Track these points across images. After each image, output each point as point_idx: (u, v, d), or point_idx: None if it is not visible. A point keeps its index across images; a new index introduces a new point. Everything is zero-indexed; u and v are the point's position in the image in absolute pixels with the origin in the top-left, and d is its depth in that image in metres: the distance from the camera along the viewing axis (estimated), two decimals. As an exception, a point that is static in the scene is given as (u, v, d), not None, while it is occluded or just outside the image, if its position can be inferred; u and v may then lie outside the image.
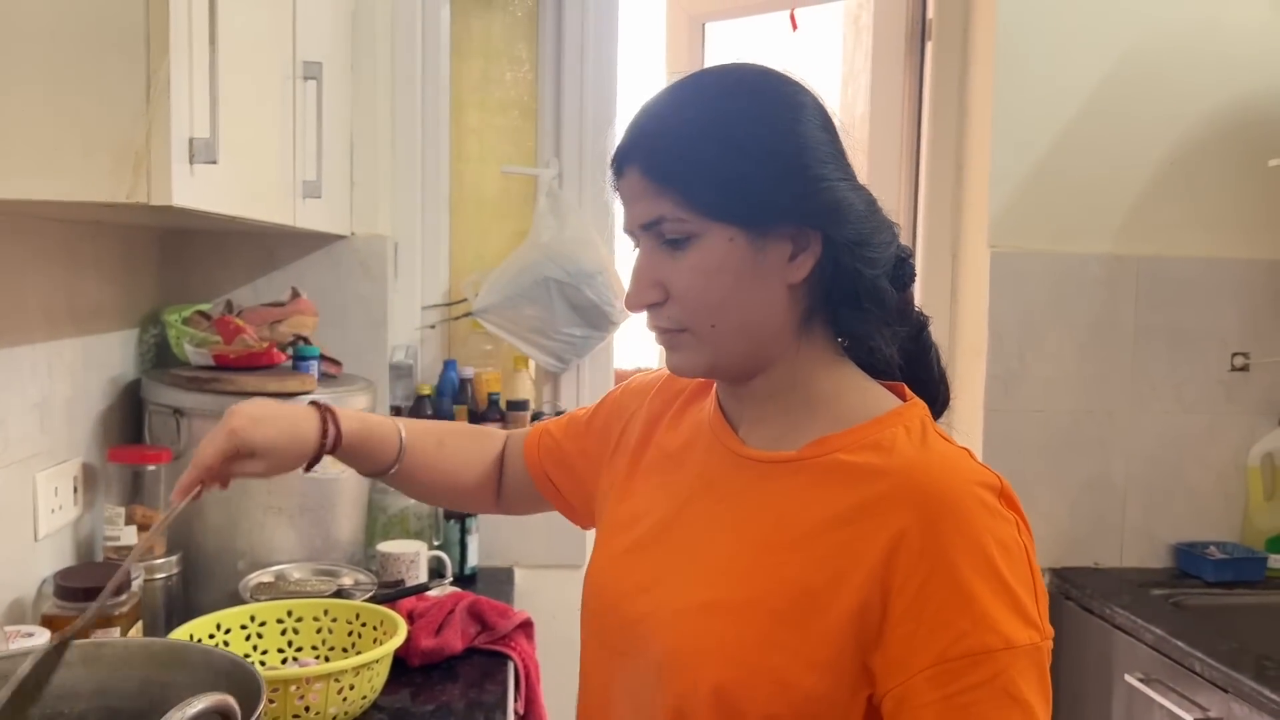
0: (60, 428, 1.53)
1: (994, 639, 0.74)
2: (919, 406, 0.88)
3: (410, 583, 1.80)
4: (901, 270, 0.90)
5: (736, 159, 0.83)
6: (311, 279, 2.02)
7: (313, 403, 1.10)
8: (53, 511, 1.50)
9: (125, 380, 1.77)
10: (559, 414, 2.29)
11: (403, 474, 1.14)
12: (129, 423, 1.75)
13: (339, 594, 1.63)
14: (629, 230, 0.89)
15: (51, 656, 0.94)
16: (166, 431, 1.69)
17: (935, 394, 0.95)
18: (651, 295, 0.86)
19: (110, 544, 1.58)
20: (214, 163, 1.05)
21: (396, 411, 2.12)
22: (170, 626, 1.52)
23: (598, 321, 2.18)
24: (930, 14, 2.29)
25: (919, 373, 0.94)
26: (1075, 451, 2.19)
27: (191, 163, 1.04)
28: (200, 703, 0.72)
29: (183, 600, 1.64)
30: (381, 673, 1.40)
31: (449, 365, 2.22)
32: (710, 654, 0.82)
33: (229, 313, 1.85)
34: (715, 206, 0.83)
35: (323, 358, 1.89)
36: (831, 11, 2.54)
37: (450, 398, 2.19)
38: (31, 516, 1.45)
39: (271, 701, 1.25)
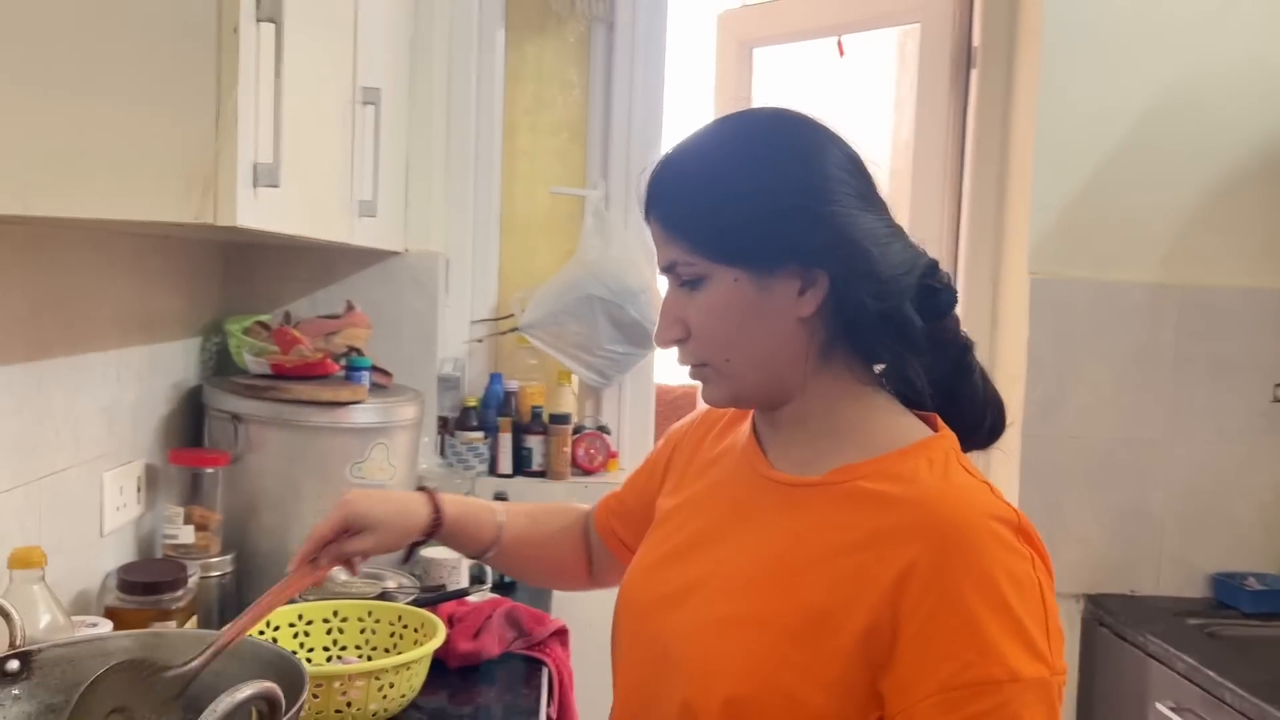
0: (126, 430, 1.62)
1: (999, 670, 0.76)
2: (946, 438, 0.90)
3: (451, 588, 1.86)
4: (935, 299, 0.92)
5: (735, 205, 0.88)
6: (366, 293, 2.10)
7: (420, 487, 1.20)
8: (117, 509, 1.59)
9: (187, 386, 1.86)
10: (600, 429, 2.35)
11: (502, 554, 1.20)
12: (190, 427, 1.84)
13: (383, 596, 1.70)
14: (659, 270, 0.95)
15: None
16: (225, 436, 1.77)
17: (982, 419, 0.97)
18: (675, 332, 0.93)
19: (169, 541, 1.66)
20: (276, 186, 1.12)
21: (443, 422, 2.19)
22: (223, 622, 1.59)
23: (640, 339, 2.24)
24: (976, 41, 2.32)
25: (963, 398, 0.96)
26: (1113, 479, 2.20)
27: (255, 186, 1.11)
28: (248, 689, 0.78)
29: (236, 597, 1.72)
30: (420, 672, 1.46)
31: (495, 378, 2.28)
32: (725, 668, 0.85)
33: (287, 324, 1.94)
34: (717, 251, 0.89)
35: (374, 369, 1.97)
36: (880, 38, 2.58)
37: (495, 410, 2.26)
38: (98, 513, 1.54)
39: (315, 696, 1.31)
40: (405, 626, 1.53)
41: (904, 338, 0.89)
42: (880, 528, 0.83)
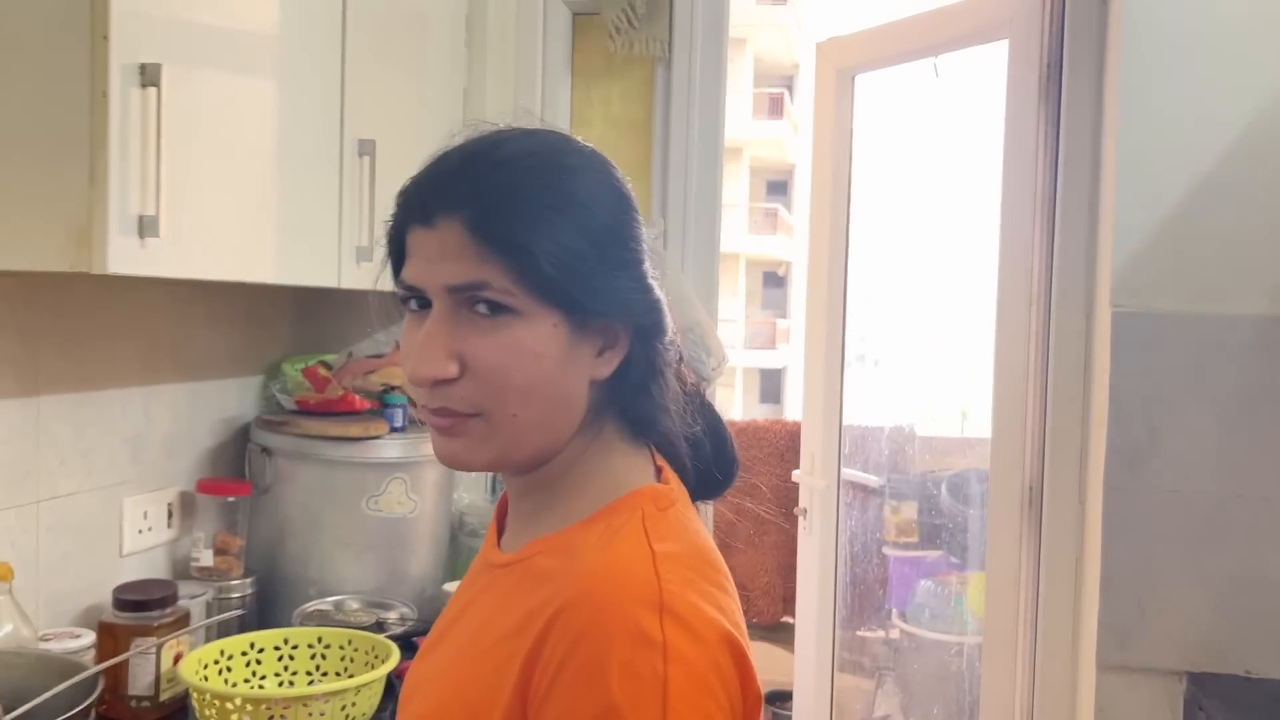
0: (156, 460, 1.78)
1: None
2: (646, 494, 0.80)
3: (467, 622, 1.90)
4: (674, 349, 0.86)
5: (582, 241, 0.76)
6: (421, 333, 2.19)
7: None
8: (140, 532, 1.75)
9: (242, 421, 2.02)
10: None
11: None
12: (238, 459, 1.99)
13: (378, 626, 1.76)
14: (419, 285, 0.77)
15: None
16: (259, 468, 1.90)
17: (734, 466, 0.91)
18: (448, 369, 0.75)
19: (194, 564, 1.81)
20: (156, 236, 1.21)
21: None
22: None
23: (692, 378, 2.20)
24: (1066, 55, 2.12)
25: (722, 447, 0.90)
26: (1220, 540, 1.91)
27: (141, 236, 1.21)
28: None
29: (256, 619, 1.84)
30: (370, 697, 1.49)
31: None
32: None
33: (348, 363, 2.06)
34: (549, 288, 0.75)
35: (413, 405, 2.05)
36: (979, 56, 2.42)
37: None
38: (118, 535, 1.70)
39: None
40: (356, 650, 1.58)
41: (669, 392, 0.84)
42: (530, 610, 0.74)
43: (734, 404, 18.53)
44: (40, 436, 1.54)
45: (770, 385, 20.96)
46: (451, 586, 1.94)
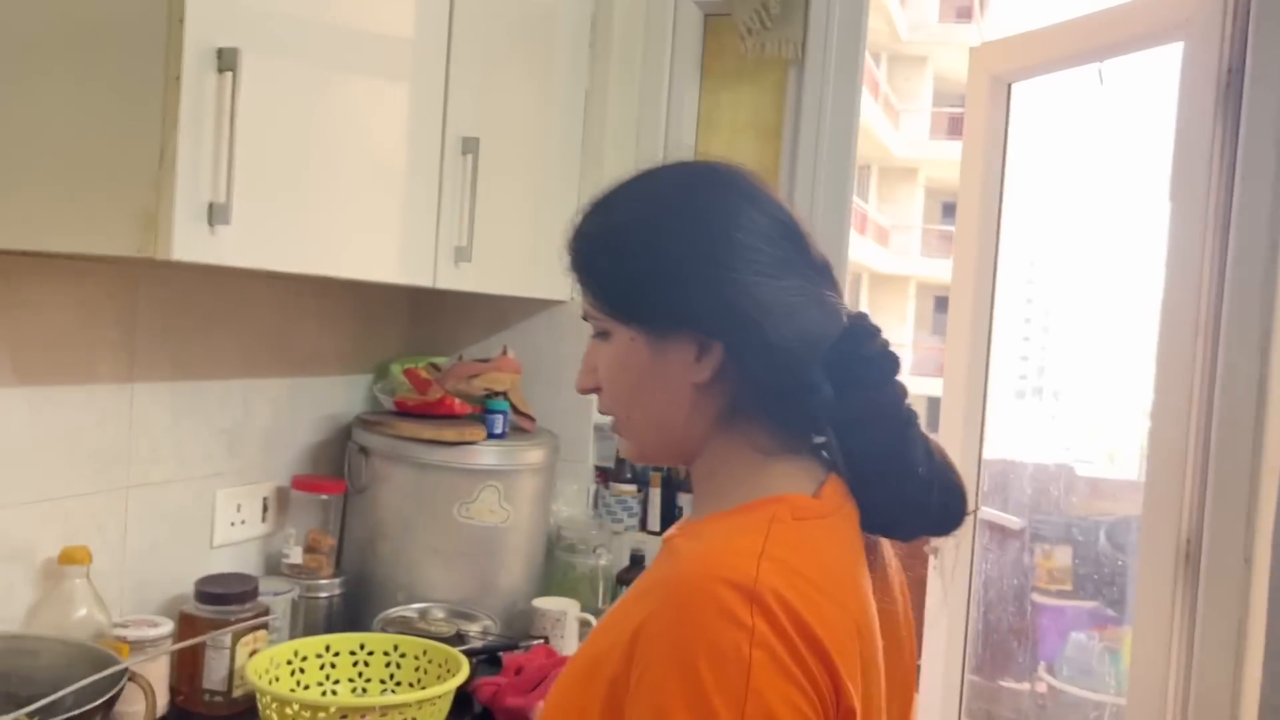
0: (254, 454, 1.79)
1: None
2: (786, 501, 0.84)
3: (555, 640, 1.82)
4: (861, 369, 0.88)
5: (629, 267, 0.89)
6: (531, 340, 2.14)
7: None
8: (231, 525, 1.75)
9: (346, 420, 2.01)
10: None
11: None
12: (342, 458, 1.98)
13: (457, 637, 1.71)
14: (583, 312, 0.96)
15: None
16: (357, 467, 1.88)
17: (926, 499, 0.89)
18: (589, 380, 0.94)
19: (285, 560, 1.80)
20: (227, 224, 1.19)
21: (602, 472, 2.16)
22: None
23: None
24: (1249, 58, 1.89)
25: (901, 475, 0.89)
26: None
27: (211, 224, 1.19)
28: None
29: (344, 619, 1.81)
30: (436, 713, 1.43)
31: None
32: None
33: (454, 366, 2.03)
34: (616, 308, 0.90)
35: (516, 412, 2.00)
36: (1150, 60, 2.20)
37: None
38: (209, 526, 1.71)
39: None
40: (430, 661, 1.52)
41: (807, 410, 0.88)
42: (654, 581, 0.83)
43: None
44: (133, 423, 1.55)
45: (935, 413, 20.23)
46: (542, 602, 1.87)
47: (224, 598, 1.55)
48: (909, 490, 0.89)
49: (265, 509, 1.82)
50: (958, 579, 2.47)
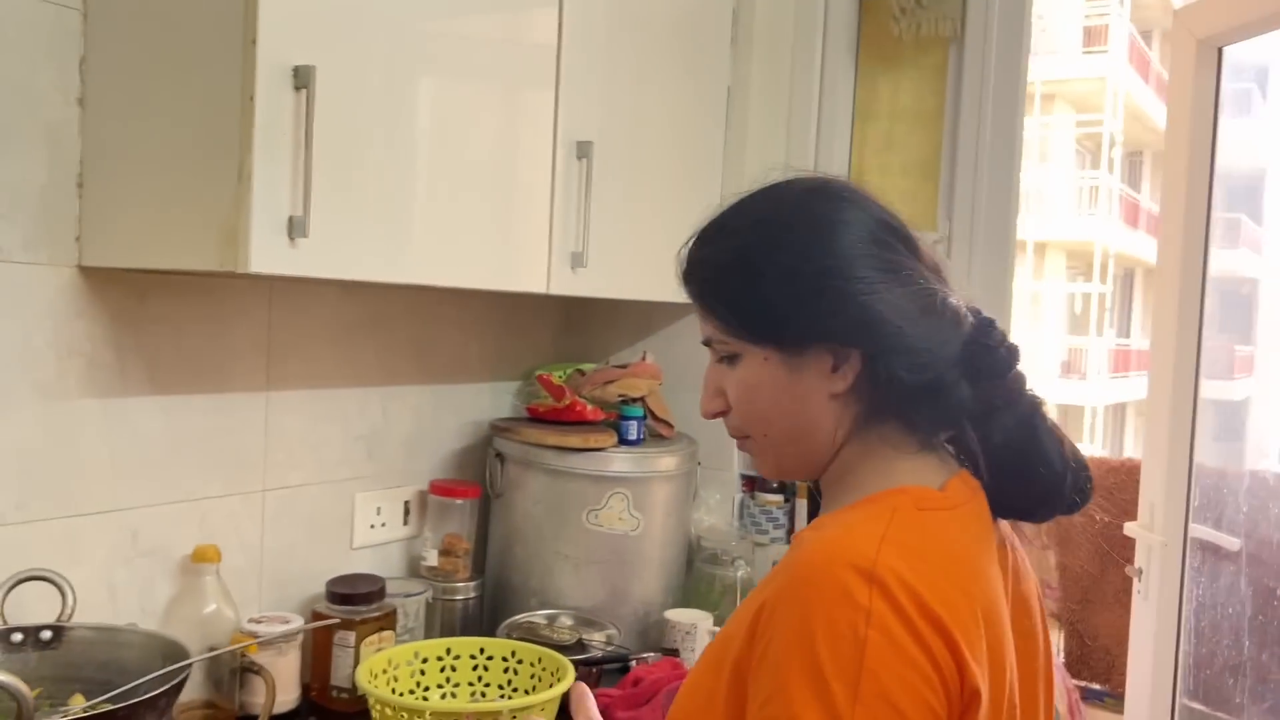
0: (395, 458, 1.85)
1: (783, 713, 0.73)
2: (910, 492, 0.86)
3: (685, 653, 1.77)
4: (989, 360, 0.91)
5: (760, 288, 0.89)
6: (677, 345, 2.11)
7: None
8: (371, 527, 1.81)
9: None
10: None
11: None
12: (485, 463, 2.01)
13: (578, 645, 1.69)
14: (702, 337, 0.97)
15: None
16: (494, 472, 1.91)
17: (1061, 479, 0.92)
18: (716, 404, 0.96)
19: (423, 563, 1.85)
20: (305, 236, 1.22)
21: (749, 482, 2.09)
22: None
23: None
24: None
25: (1034, 458, 0.92)
26: None
27: (291, 236, 1.23)
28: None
29: (478, 621, 1.84)
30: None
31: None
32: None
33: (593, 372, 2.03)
34: (746, 331, 0.91)
35: (654, 418, 1.96)
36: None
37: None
38: (349, 528, 1.78)
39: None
40: (544, 669, 1.51)
41: (947, 406, 0.90)
42: (779, 567, 0.84)
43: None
44: (269, 430, 1.63)
45: (1237, 416, 18.43)
46: (674, 613, 1.83)
47: (350, 598, 1.61)
48: (1043, 472, 0.91)
49: (407, 512, 1.88)
50: (1165, 605, 2.21)
